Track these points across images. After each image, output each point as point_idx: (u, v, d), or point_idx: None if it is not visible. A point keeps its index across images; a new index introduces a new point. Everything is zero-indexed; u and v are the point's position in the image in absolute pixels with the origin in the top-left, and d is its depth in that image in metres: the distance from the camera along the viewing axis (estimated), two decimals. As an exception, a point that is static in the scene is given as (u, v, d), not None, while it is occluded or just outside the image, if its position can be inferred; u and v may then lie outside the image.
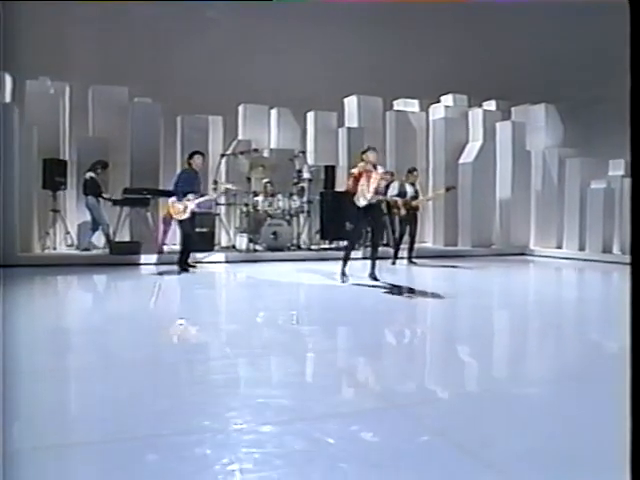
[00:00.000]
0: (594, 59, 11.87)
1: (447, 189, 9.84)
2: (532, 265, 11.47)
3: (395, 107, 14.59)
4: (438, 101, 14.74)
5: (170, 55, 13.91)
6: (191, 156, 8.88)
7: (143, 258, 9.87)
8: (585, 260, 11.41)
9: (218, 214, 11.51)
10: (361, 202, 7.29)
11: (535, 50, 13.85)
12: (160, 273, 8.82)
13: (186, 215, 8.54)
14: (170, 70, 13.61)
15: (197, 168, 8.86)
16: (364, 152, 7.52)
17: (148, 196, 10.31)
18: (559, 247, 12.72)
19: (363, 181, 7.26)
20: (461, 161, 13.11)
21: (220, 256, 10.50)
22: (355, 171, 7.38)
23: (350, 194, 7.46)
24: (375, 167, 7.44)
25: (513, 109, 14.23)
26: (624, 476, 1.31)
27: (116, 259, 9.68)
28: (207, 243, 10.55)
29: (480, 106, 14.17)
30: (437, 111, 14.30)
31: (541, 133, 13.51)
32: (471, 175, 12.71)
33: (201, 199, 8.76)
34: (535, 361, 4.35)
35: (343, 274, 7.59)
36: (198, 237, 9.71)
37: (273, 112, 14.01)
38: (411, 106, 14.76)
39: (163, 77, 13.28)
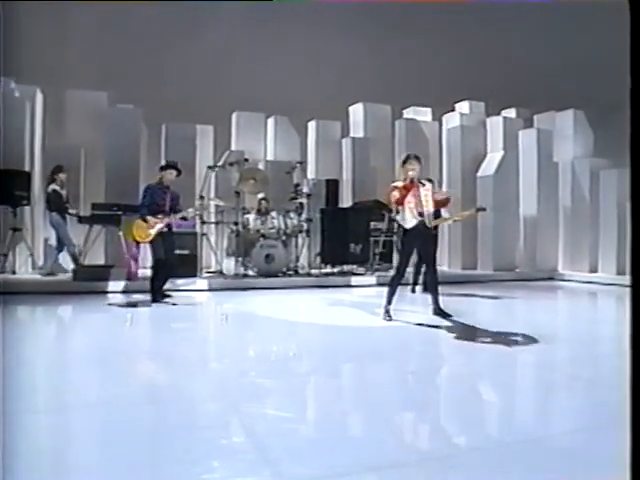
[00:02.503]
0: (621, 59, 10.49)
1: (477, 210, 8.35)
2: (575, 293, 9.89)
3: (405, 116, 13.45)
4: (452, 109, 13.63)
5: (159, 59, 12.71)
6: (163, 169, 7.42)
7: (114, 285, 8.34)
8: (626, 286, 9.75)
9: (204, 234, 10.01)
10: (408, 223, 5.96)
11: (556, 52, 12.67)
12: (129, 304, 7.29)
13: (151, 237, 7.06)
14: (158, 75, 12.42)
15: (168, 183, 7.37)
16: (405, 162, 6.08)
17: (119, 212, 8.81)
18: (593, 271, 11.16)
19: (410, 197, 5.91)
20: (480, 174, 11.83)
21: (203, 283, 8.94)
22: (401, 183, 5.98)
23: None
24: (420, 181, 6.07)
25: (536, 117, 13.00)
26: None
27: (82, 286, 8.16)
28: (189, 267, 9.11)
29: (499, 114, 12.89)
30: (452, 119, 13.16)
31: (569, 142, 12.17)
32: (492, 189, 11.40)
33: (172, 218, 7.26)
34: None
35: (387, 312, 6.12)
36: (178, 261, 8.23)
37: (270, 121, 12.95)
38: (422, 115, 13.63)
39: (149, 82, 12.05)
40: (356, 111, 13.38)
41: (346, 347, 5.00)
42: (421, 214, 5.94)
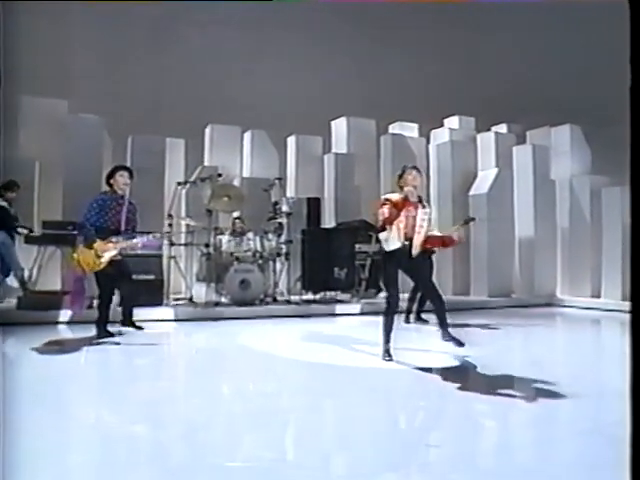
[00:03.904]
0: (617, 70, 9.89)
1: (466, 222, 7.48)
2: (579, 321, 9.11)
3: (390, 131, 12.73)
4: (441, 125, 13.02)
5: (127, 65, 11.88)
6: (112, 174, 6.31)
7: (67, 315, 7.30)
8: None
9: (173, 257, 9.01)
10: (390, 244, 4.98)
11: (548, 64, 12.25)
12: (68, 343, 6.19)
13: (102, 266, 5.94)
14: (125, 83, 11.53)
15: (121, 191, 6.28)
16: (402, 175, 5.13)
17: (74, 232, 7.74)
18: (595, 296, 10.37)
19: (402, 217, 4.93)
20: (472, 192, 11.10)
21: (169, 312, 7.91)
22: (395, 197, 4.97)
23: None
24: (421, 200, 5.12)
25: (529, 133, 12.36)
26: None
27: (27, 316, 7.08)
28: (154, 295, 8.13)
29: (489, 130, 12.33)
30: (440, 135, 12.57)
31: (566, 159, 11.52)
32: (485, 209, 10.64)
33: (128, 242, 6.15)
34: None
35: (386, 351, 5.11)
36: (143, 287, 7.50)
37: (246, 135, 12.14)
38: (409, 130, 12.89)
39: (115, 91, 11.15)
40: (339, 126, 12.65)
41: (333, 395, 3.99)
42: (409, 239, 4.96)
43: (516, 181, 11.33)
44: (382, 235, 5.03)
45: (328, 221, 11.49)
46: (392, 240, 4.94)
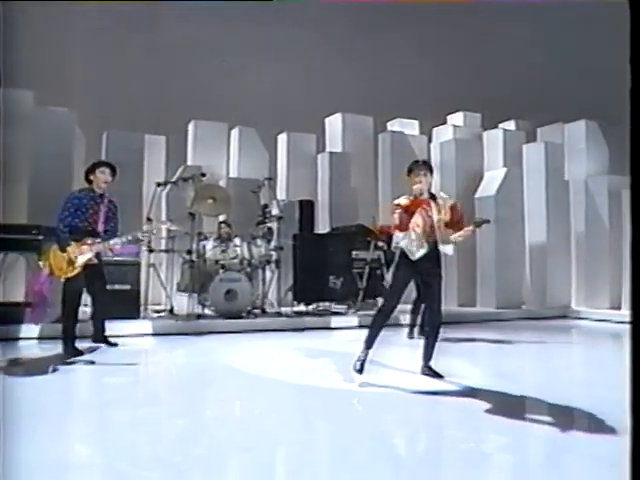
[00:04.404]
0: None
1: (476, 224, 7.04)
2: (599, 335, 8.79)
3: (389, 128, 12.71)
4: (444, 122, 12.94)
5: (103, 56, 11.55)
6: (91, 170, 5.95)
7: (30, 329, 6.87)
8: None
9: (152, 265, 8.73)
10: (415, 253, 4.68)
11: (560, 55, 12.24)
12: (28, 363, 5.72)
13: (76, 271, 5.54)
14: (101, 75, 11.19)
15: (100, 190, 5.91)
16: (410, 171, 4.80)
17: (40, 237, 7.29)
18: (615, 307, 10.07)
19: (417, 217, 4.65)
20: (479, 194, 10.88)
21: (145, 326, 7.56)
22: (403, 201, 4.66)
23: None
24: (432, 195, 4.81)
25: (539, 129, 12.19)
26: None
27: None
28: (130, 307, 7.73)
29: (496, 127, 12.25)
30: (443, 133, 12.47)
31: (581, 157, 11.23)
32: (493, 212, 10.23)
33: (105, 244, 5.74)
34: None
35: (361, 361, 4.77)
36: (119, 297, 7.30)
37: (234, 132, 11.91)
38: (409, 127, 12.79)
39: (90, 82, 10.80)
40: (334, 123, 12.53)
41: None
42: (433, 242, 4.69)
43: (526, 182, 11.09)
44: (402, 243, 4.75)
45: (322, 226, 11.33)
46: (416, 246, 4.66)
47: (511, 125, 12.45)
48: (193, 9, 12.38)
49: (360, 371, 4.72)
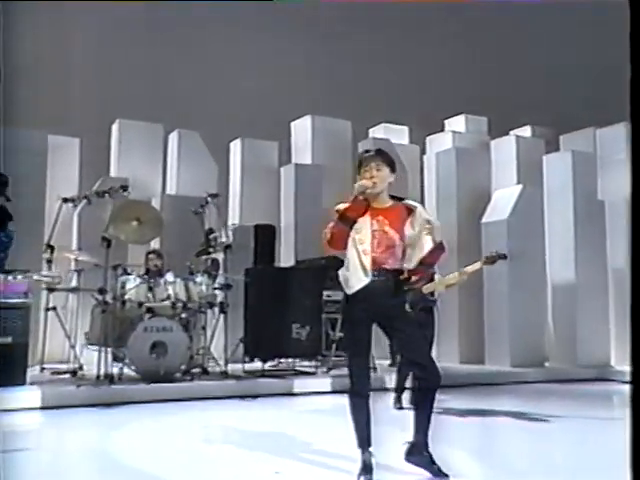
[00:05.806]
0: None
1: (489, 260, 6.16)
2: None
3: (372, 135, 12.82)
4: (441, 128, 13.09)
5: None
6: None
7: None
8: None
9: (52, 308, 8.25)
10: (352, 284, 3.78)
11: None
12: None
13: None
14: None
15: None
16: (361, 162, 4.01)
17: None
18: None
19: (364, 233, 3.82)
20: (486, 219, 10.71)
21: (31, 397, 6.69)
22: (343, 206, 3.94)
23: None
24: (394, 198, 4.01)
25: (562, 137, 12.22)
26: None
27: None
28: (9, 368, 6.97)
29: (507, 133, 12.31)
30: (440, 141, 12.54)
31: (620, 171, 10.78)
32: (505, 241, 9.98)
33: None
34: None
35: (366, 468, 3.68)
36: None
37: (173, 137, 11.86)
38: (397, 135, 12.81)
39: None
40: (301, 127, 12.57)
41: None
42: (382, 269, 3.74)
43: (547, 202, 10.96)
44: (340, 272, 3.92)
45: (285, 258, 11.34)
46: (353, 274, 3.77)
47: (527, 131, 12.52)
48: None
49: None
